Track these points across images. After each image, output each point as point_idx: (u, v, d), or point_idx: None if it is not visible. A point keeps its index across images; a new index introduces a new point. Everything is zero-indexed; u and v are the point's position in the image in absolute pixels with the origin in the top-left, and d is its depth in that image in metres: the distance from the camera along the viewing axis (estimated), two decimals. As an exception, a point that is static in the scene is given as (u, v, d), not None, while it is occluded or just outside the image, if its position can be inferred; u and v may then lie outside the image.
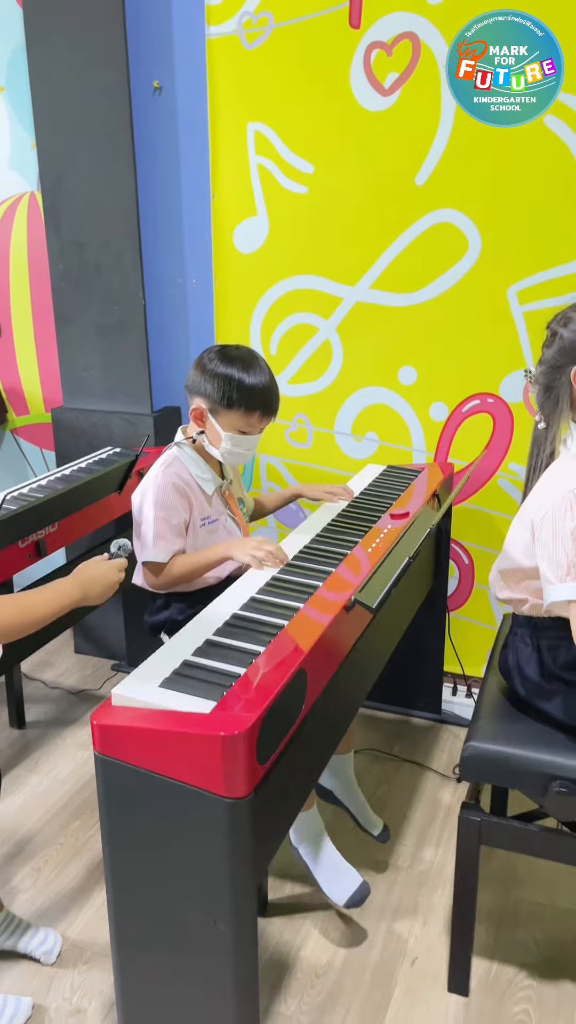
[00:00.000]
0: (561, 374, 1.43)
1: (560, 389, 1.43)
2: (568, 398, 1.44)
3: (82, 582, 1.34)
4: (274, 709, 1.16)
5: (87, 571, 1.36)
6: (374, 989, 1.61)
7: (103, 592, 1.35)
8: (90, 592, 1.34)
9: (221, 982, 1.20)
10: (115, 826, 1.20)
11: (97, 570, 1.35)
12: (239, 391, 1.61)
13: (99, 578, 1.34)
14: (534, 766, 1.41)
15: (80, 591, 1.32)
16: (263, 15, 2.16)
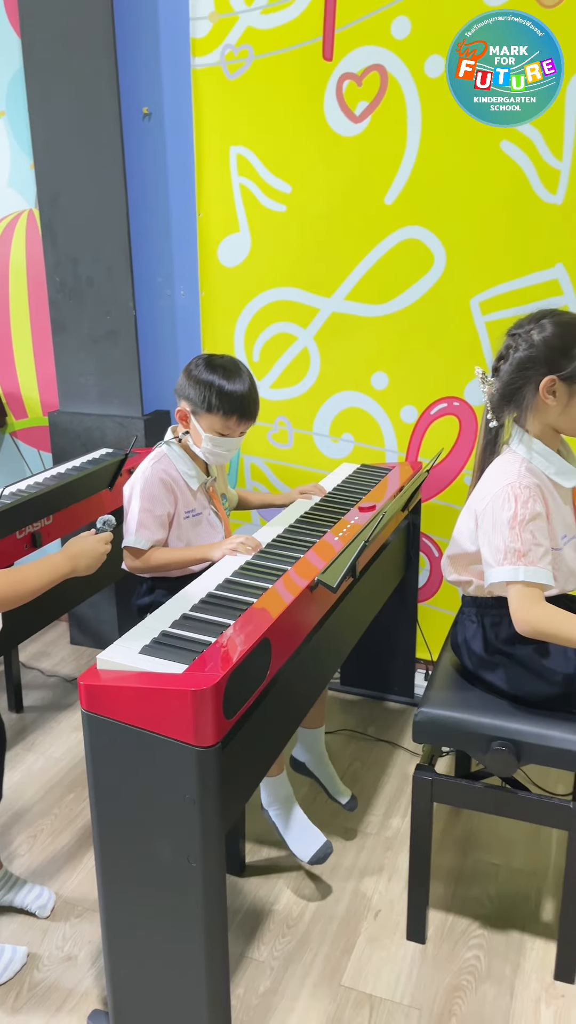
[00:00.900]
0: (529, 380, 1.54)
1: (525, 392, 1.55)
2: (531, 401, 1.56)
3: (72, 555, 1.50)
4: (239, 670, 1.32)
5: (76, 546, 1.52)
6: (339, 938, 1.77)
7: (91, 564, 1.51)
8: (79, 564, 1.50)
9: (194, 914, 1.35)
10: (100, 776, 1.36)
11: (85, 544, 1.52)
12: (218, 396, 1.77)
13: (87, 551, 1.51)
14: (477, 728, 1.58)
15: (70, 564, 1.49)
16: (244, 48, 2.34)
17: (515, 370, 1.54)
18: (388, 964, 1.70)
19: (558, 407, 1.54)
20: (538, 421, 1.57)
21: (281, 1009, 1.61)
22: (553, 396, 1.53)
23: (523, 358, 1.53)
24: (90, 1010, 1.60)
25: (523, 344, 1.53)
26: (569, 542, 1.61)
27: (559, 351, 1.50)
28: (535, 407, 1.55)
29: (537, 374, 1.52)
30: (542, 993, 1.64)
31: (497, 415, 1.60)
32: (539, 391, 1.53)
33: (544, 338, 1.51)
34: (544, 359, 1.51)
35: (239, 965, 1.70)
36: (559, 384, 1.52)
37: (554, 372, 1.51)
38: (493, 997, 1.63)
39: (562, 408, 1.54)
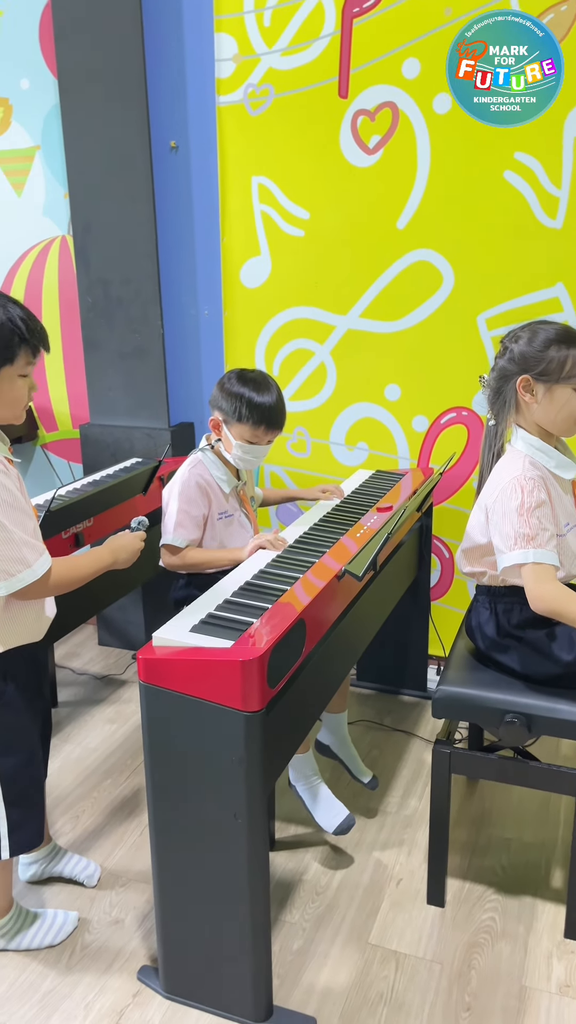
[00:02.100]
0: (508, 381, 1.76)
1: (508, 393, 1.77)
2: (514, 401, 1.77)
3: (114, 549, 1.68)
4: (280, 646, 1.48)
5: (116, 541, 1.71)
6: (365, 903, 1.91)
7: (129, 557, 1.70)
8: (119, 557, 1.68)
9: (239, 867, 1.50)
10: (155, 742, 1.51)
11: (124, 540, 1.71)
12: (248, 408, 1.94)
13: (126, 546, 1.70)
14: (491, 703, 1.73)
15: (112, 556, 1.67)
16: (265, 87, 2.53)
17: (499, 373, 1.75)
18: (411, 925, 1.85)
19: (538, 405, 1.72)
20: (526, 420, 1.76)
21: (314, 964, 1.75)
22: (531, 394, 1.72)
23: (504, 363, 1.73)
24: (139, 967, 1.75)
25: (507, 350, 1.73)
26: (572, 529, 1.78)
27: (533, 354, 1.69)
28: (519, 406, 1.74)
29: (514, 375, 1.72)
30: (553, 949, 1.78)
31: (494, 415, 1.79)
32: (517, 389, 1.72)
33: (522, 346, 1.71)
34: (519, 361, 1.71)
35: (273, 927, 1.84)
36: (533, 383, 1.70)
37: (527, 372, 1.70)
38: (508, 953, 1.77)
39: (541, 406, 1.72)
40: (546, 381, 1.72)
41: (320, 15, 2.42)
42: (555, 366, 1.70)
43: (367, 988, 1.69)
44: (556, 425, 1.76)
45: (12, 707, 1.62)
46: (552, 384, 1.71)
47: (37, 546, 1.52)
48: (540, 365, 1.71)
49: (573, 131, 2.27)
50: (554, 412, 1.74)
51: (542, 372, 1.71)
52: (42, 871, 1.97)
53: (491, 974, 1.72)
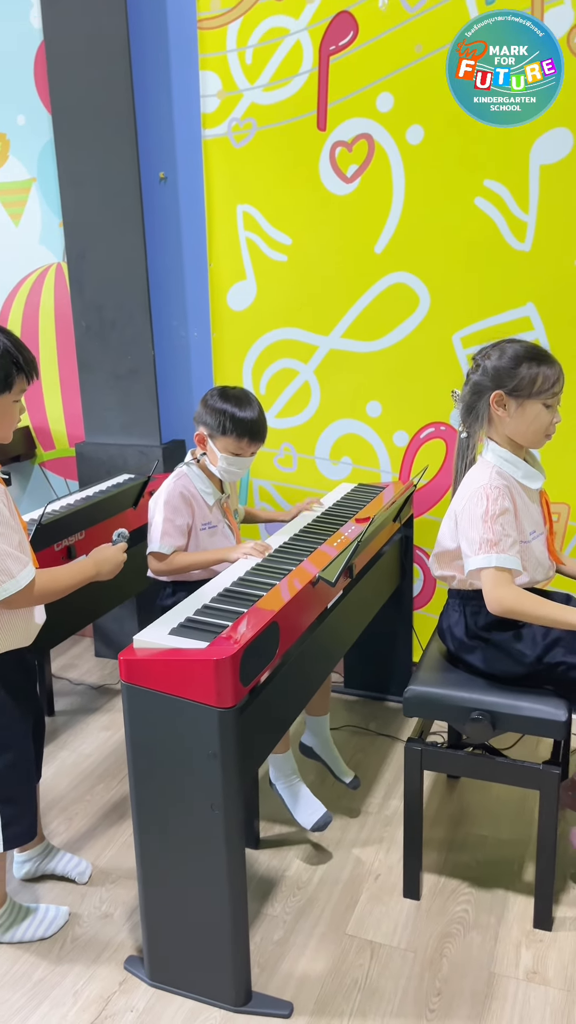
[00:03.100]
0: (482, 396, 1.86)
1: (480, 408, 1.86)
2: (486, 415, 1.87)
3: (97, 561, 1.78)
4: (252, 646, 1.57)
5: (99, 553, 1.80)
6: (344, 897, 1.99)
7: (112, 569, 1.79)
8: (102, 569, 1.78)
9: (217, 856, 1.59)
10: (136, 738, 1.61)
11: (106, 552, 1.80)
12: (231, 422, 2.05)
13: (109, 558, 1.79)
14: (458, 702, 1.82)
15: (94, 568, 1.77)
16: (248, 121, 2.66)
17: (472, 389, 1.84)
18: (387, 917, 1.93)
19: (510, 419, 1.82)
20: (497, 433, 1.85)
21: (293, 954, 1.83)
22: (503, 409, 1.82)
23: (477, 379, 1.83)
24: (126, 957, 1.83)
25: (479, 367, 1.83)
26: (537, 537, 1.88)
27: (505, 371, 1.79)
28: (491, 420, 1.84)
29: (488, 390, 1.81)
30: (522, 939, 1.86)
31: (466, 427, 1.88)
32: (491, 405, 1.81)
33: (494, 363, 1.80)
34: (492, 378, 1.80)
35: (255, 920, 1.93)
36: (507, 398, 1.80)
37: (500, 388, 1.80)
38: (480, 942, 1.85)
39: (513, 420, 1.82)
40: (518, 397, 1.81)
41: (299, 53, 2.55)
42: (527, 382, 1.80)
43: (343, 975, 1.77)
44: (526, 437, 1.86)
45: (3, 708, 1.72)
46: (524, 399, 1.81)
47: (21, 558, 1.63)
48: (513, 381, 1.81)
49: (539, 159, 2.39)
50: (525, 426, 1.84)
51: (514, 388, 1.81)
52: (36, 869, 2.05)
53: (462, 962, 1.80)
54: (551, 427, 1.84)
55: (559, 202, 2.40)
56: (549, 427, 1.84)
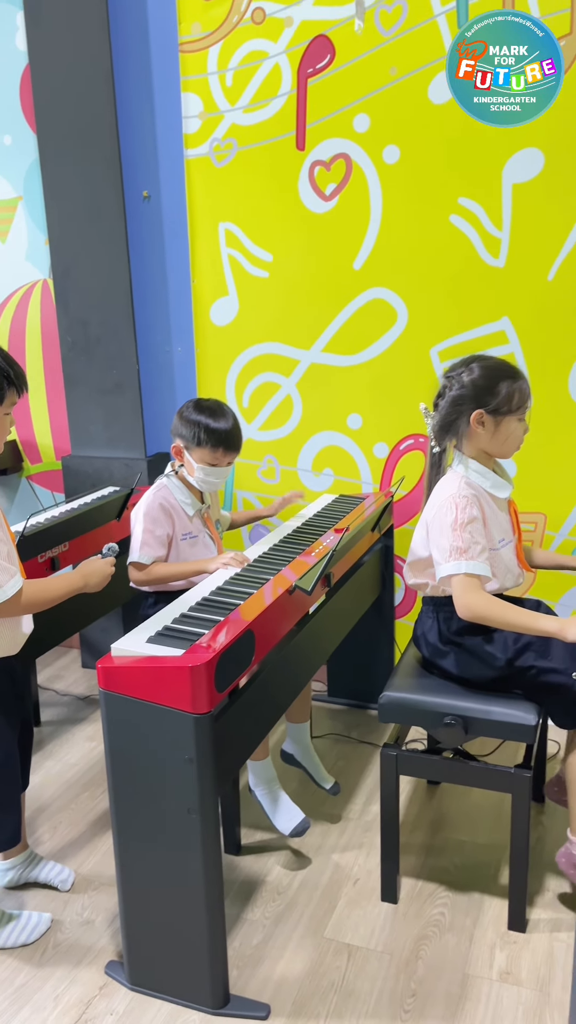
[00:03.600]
0: (462, 413, 1.89)
1: (459, 424, 1.89)
2: (464, 431, 1.90)
3: (85, 574, 1.82)
4: (227, 653, 1.61)
5: (88, 566, 1.84)
6: (323, 901, 2.02)
7: (100, 582, 1.83)
8: (90, 581, 1.82)
9: (194, 859, 1.62)
10: (115, 744, 1.64)
11: (95, 565, 1.84)
12: (206, 432, 2.10)
13: (97, 571, 1.83)
14: (431, 707, 1.86)
15: (82, 580, 1.81)
16: (229, 141, 2.72)
17: (450, 406, 1.88)
18: (364, 920, 1.96)
19: (487, 435, 1.87)
20: (472, 447, 1.90)
21: (271, 957, 1.86)
22: (482, 426, 1.86)
23: (456, 396, 1.87)
24: (107, 962, 1.86)
25: (456, 384, 1.87)
26: (506, 545, 1.93)
27: (484, 389, 1.84)
28: (468, 435, 1.88)
29: (468, 408, 1.86)
30: (497, 940, 1.89)
31: (439, 442, 1.93)
32: (470, 422, 1.86)
33: (472, 379, 1.85)
34: (472, 396, 1.85)
35: (235, 925, 1.96)
36: (486, 416, 1.85)
37: (481, 407, 1.84)
38: (455, 944, 1.88)
39: (490, 435, 1.87)
40: (497, 414, 1.86)
41: (277, 76, 2.61)
42: (504, 400, 1.85)
43: (320, 978, 1.80)
44: (500, 451, 1.91)
45: (-11, 714, 1.76)
46: (503, 416, 1.86)
47: (9, 568, 1.67)
48: (494, 400, 1.85)
49: (511, 178, 2.45)
50: (501, 440, 1.89)
51: (495, 407, 1.85)
52: (19, 876, 2.08)
53: (437, 963, 1.83)
54: (522, 439, 1.89)
55: (531, 219, 2.46)
56: (520, 439, 1.89)
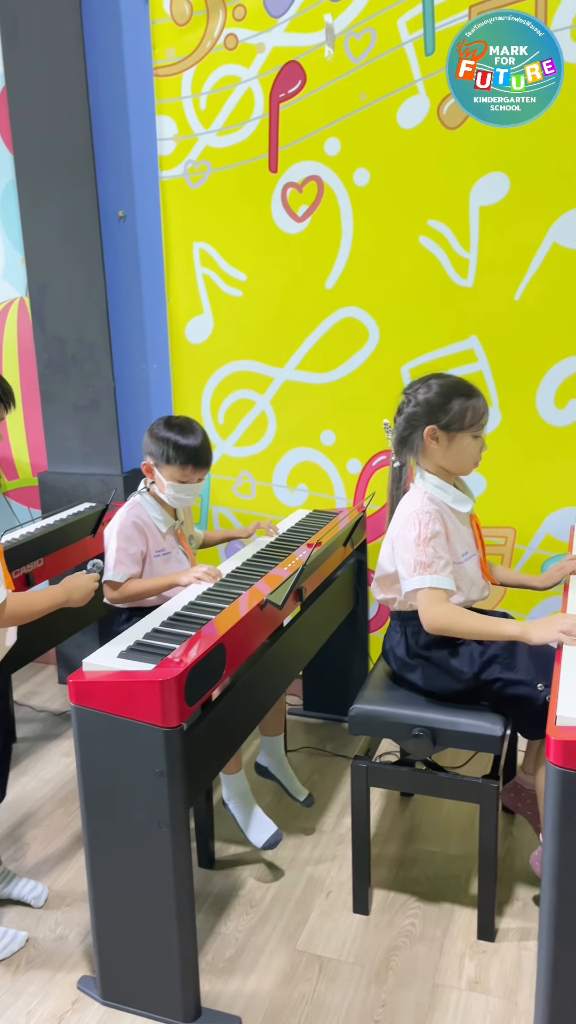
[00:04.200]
0: (416, 430, 1.95)
1: (414, 440, 1.96)
2: (419, 447, 1.96)
3: (68, 588, 1.84)
4: (198, 668, 1.64)
5: (71, 581, 1.86)
6: (295, 913, 2.04)
7: (83, 597, 1.85)
8: (73, 596, 1.84)
9: (165, 872, 1.64)
10: (87, 758, 1.66)
11: (78, 580, 1.86)
12: (174, 449, 2.13)
13: (80, 586, 1.85)
14: (400, 719, 1.90)
15: (66, 595, 1.83)
16: (203, 163, 2.77)
17: (405, 421, 1.94)
18: (336, 932, 1.98)
19: (441, 450, 1.92)
20: (429, 462, 1.95)
21: (243, 970, 1.88)
22: (435, 441, 1.91)
23: (411, 412, 1.92)
24: (79, 977, 1.86)
25: (412, 401, 1.92)
26: (470, 558, 1.97)
27: (437, 406, 1.89)
28: (424, 451, 1.93)
29: (421, 424, 1.90)
30: (466, 950, 1.92)
31: (399, 457, 1.98)
32: (424, 438, 1.90)
33: (427, 397, 1.90)
34: (425, 412, 1.90)
35: (208, 938, 1.97)
36: (439, 432, 1.90)
37: (433, 423, 1.89)
38: (425, 954, 1.91)
39: (444, 451, 1.92)
40: (450, 430, 1.91)
41: (250, 100, 2.67)
42: (457, 416, 1.90)
43: (291, 989, 1.82)
44: (456, 466, 1.96)
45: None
46: (455, 433, 1.91)
47: None
48: (446, 416, 1.90)
49: (478, 201, 2.51)
50: (455, 456, 1.94)
51: (448, 423, 1.90)
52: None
53: (407, 974, 1.85)
54: (479, 456, 1.94)
55: (498, 241, 2.52)
56: (477, 456, 1.94)
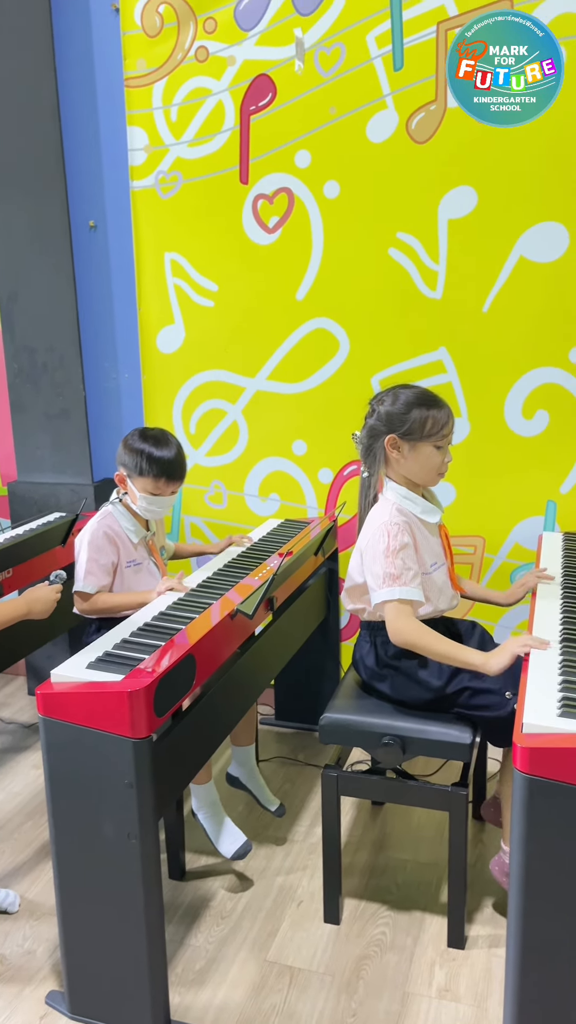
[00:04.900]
0: (377, 439, 1.97)
1: (377, 450, 1.98)
2: (382, 457, 1.98)
3: (29, 600, 1.83)
4: (167, 678, 1.63)
5: (33, 593, 1.85)
6: (266, 924, 2.04)
7: (45, 608, 1.84)
8: (34, 608, 1.83)
9: (134, 884, 1.63)
10: (55, 771, 1.65)
11: (40, 592, 1.85)
12: (148, 461, 2.12)
13: (41, 598, 1.84)
14: (370, 728, 1.90)
15: (27, 606, 1.82)
16: (174, 174, 2.78)
17: (369, 431, 1.96)
18: (307, 942, 1.98)
19: (403, 460, 1.93)
20: (394, 472, 1.97)
21: (214, 982, 1.87)
22: (397, 451, 1.93)
23: (373, 423, 1.94)
24: (47, 991, 1.84)
25: (375, 412, 1.95)
26: (439, 568, 1.99)
27: (397, 416, 1.91)
28: (387, 461, 1.95)
29: (383, 434, 1.92)
30: (436, 958, 1.92)
31: (367, 468, 2.00)
32: (385, 447, 1.93)
33: (388, 407, 1.92)
34: (386, 422, 1.92)
35: (178, 950, 1.96)
36: (399, 441, 1.92)
37: (393, 432, 1.91)
38: (395, 963, 1.91)
39: (406, 461, 1.93)
40: (410, 440, 1.93)
41: (221, 112, 2.68)
42: (417, 426, 1.92)
43: (261, 1001, 1.81)
44: (420, 477, 1.98)
45: None
46: (416, 442, 1.93)
47: None
48: (404, 426, 1.92)
49: (447, 214, 2.55)
50: (418, 466, 1.96)
51: (406, 432, 1.92)
52: (-40, 907, 2.06)
53: (377, 983, 1.85)
54: (443, 466, 1.96)
55: (466, 253, 2.55)
56: (441, 466, 1.96)
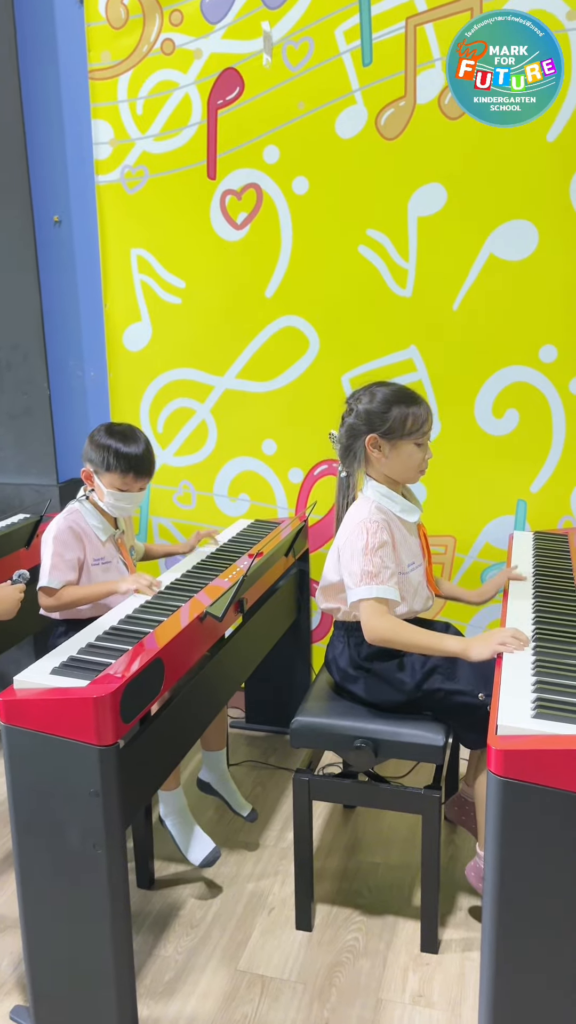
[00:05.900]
0: (357, 439, 1.95)
1: (357, 449, 1.95)
2: (363, 456, 1.95)
3: None
4: (134, 683, 1.59)
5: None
6: (237, 932, 2.00)
7: (9, 608, 1.79)
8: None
9: (100, 895, 1.58)
10: (17, 780, 1.59)
11: (3, 592, 1.80)
12: (115, 457, 2.08)
13: (4, 598, 1.79)
14: (341, 731, 1.88)
15: None
16: (140, 168, 2.73)
17: (348, 431, 1.93)
18: (279, 950, 1.94)
19: (384, 458, 1.91)
20: (374, 471, 1.94)
21: (183, 992, 1.83)
22: (378, 450, 1.90)
23: (352, 422, 1.91)
24: (12, 1007, 1.79)
25: (353, 411, 1.92)
26: (416, 568, 1.97)
27: (376, 414, 1.88)
28: (368, 460, 1.92)
29: (363, 434, 1.90)
30: (410, 963, 1.90)
31: (345, 467, 1.97)
32: (366, 447, 1.90)
33: (366, 406, 1.90)
34: (365, 421, 1.89)
35: (146, 961, 1.91)
36: (380, 440, 1.89)
37: (374, 431, 1.89)
38: (368, 969, 1.88)
39: (387, 459, 1.91)
40: (391, 438, 1.91)
41: (188, 106, 2.64)
42: (397, 424, 1.90)
43: (232, 1011, 1.78)
44: (401, 475, 1.95)
45: None
46: (396, 440, 1.91)
47: None
48: (385, 424, 1.90)
49: (416, 211, 2.53)
50: (399, 464, 1.93)
51: (387, 431, 1.90)
52: None
53: (350, 990, 1.83)
54: (423, 463, 1.94)
55: (436, 251, 2.54)
56: (422, 463, 1.94)
